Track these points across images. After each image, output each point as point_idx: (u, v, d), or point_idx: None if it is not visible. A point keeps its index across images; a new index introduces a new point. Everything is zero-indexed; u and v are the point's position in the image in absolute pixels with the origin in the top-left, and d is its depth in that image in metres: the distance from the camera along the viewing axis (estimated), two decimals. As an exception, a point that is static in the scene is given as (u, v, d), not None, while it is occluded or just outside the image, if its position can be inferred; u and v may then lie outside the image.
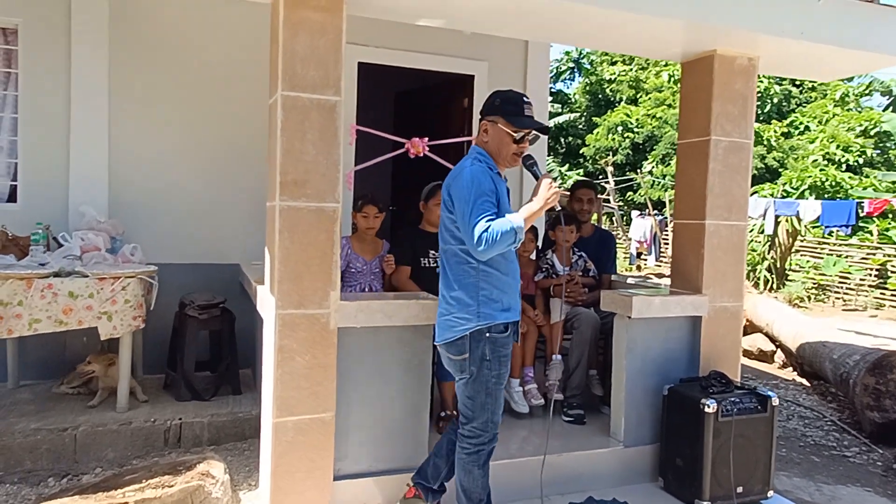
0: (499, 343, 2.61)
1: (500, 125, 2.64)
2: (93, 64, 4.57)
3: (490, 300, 2.59)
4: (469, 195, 2.50)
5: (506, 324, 2.63)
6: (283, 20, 2.73)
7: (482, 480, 2.71)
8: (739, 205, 3.62)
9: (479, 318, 2.58)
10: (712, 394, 3.21)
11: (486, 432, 2.66)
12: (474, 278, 2.60)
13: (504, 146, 2.65)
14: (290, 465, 2.81)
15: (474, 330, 2.58)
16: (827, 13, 3.23)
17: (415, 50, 5.31)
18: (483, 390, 2.62)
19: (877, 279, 12.81)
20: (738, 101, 3.57)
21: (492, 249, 2.45)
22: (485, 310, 2.59)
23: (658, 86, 23.51)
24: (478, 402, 2.64)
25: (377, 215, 3.98)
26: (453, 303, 2.63)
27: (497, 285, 2.61)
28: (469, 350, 2.60)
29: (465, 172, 2.57)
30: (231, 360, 4.32)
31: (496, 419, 2.67)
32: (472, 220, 2.46)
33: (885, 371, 4.84)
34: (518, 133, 2.62)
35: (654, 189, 20.23)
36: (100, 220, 4.34)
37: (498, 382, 2.64)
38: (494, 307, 2.60)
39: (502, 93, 2.73)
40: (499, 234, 2.42)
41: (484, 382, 2.62)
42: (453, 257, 2.65)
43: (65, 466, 3.48)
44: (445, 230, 2.68)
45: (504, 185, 2.69)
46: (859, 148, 18.09)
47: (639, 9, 3.01)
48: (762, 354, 7.14)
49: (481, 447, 2.67)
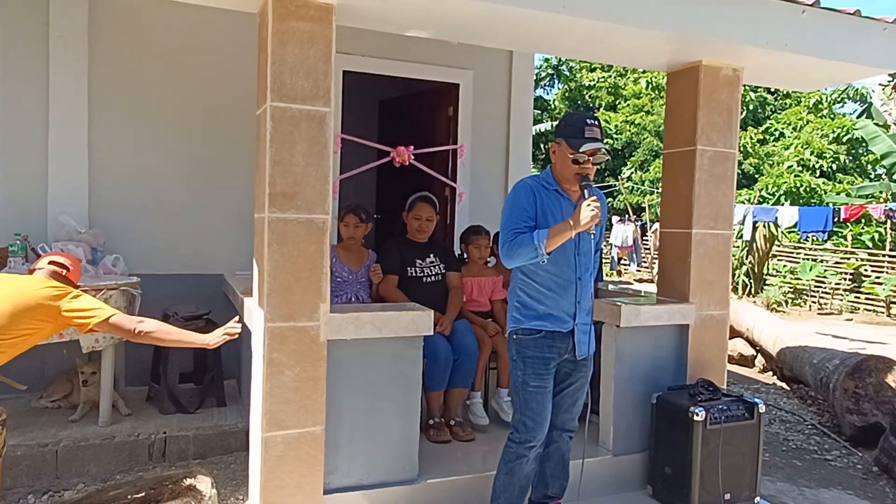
0: (524, 345, 2.74)
1: (563, 147, 2.73)
2: (72, 71, 4.49)
3: (523, 306, 2.77)
4: (506, 209, 2.75)
5: (539, 329, 2.73)
6: (272, 30, 2.70)
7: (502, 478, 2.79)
8: (725, 214, 3.67)
9: (512, 321, 2.81)
10: (700, 402, 3.24)
11: (517, 431, 2.77)
12: (513, 285, 2.83)
13: (566, 167, 2.74)
14: (280, 480, 2.77)
15: (509, 331, 2.82)
16: (810, 25, 3.28)
17: (400, 58, 5.31)
18: (516, 388, 2.79)
19: (851, 283, 13.05)
20: (724, 111, 3.61)
21: (513, 259, 2.66)
22: (515, 314, 2.79)
23: (636, 92, 23.77)
24: (514, 399, 2.82)
25: (358, 224, 3.97)
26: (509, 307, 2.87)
27: (532, 294, 2.75)
28: (509, 346, 2.83)
29: (512, 189, 2.80)
30: (216, 372, 4.26)
31: (528, 423, 2.73)
32: (502, 231, 2.71)
33: (864, 375, 4.92)
34: (574, 155, 2.69)
35: (633, 195, 20.41)
36: (80, 231, 4.26)
37: (525, 384, 2.74)
38: (526, 313, 2.75)
39: (568, 115, 2.83)
40: (518, 247, 2.60)
41: (515, 381, 2.79)
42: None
43: (46, 483, 3.40)
44: None
45: (561, 202, 2.76)
46: (833, 154, 18.46)
47: (625, 20, 3.03)
48: (743, 359, 7.22)
49: (511, 445, 2.78)
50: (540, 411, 2.74)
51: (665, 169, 3.85)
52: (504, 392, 3.91)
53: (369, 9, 2.92)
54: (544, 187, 2.77)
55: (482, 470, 3.18)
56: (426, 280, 3.91)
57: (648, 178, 20.34)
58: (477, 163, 5.67)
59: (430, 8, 2.92)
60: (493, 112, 5.77)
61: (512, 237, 2.63)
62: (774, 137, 21.29)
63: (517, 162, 5.85)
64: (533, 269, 2.73)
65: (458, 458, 3.39)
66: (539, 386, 2.73)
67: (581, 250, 2.76)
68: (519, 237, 2.61)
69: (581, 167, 2.70)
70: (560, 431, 2.91)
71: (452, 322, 3.77)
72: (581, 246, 2.75)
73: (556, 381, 2.83)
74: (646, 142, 21.32)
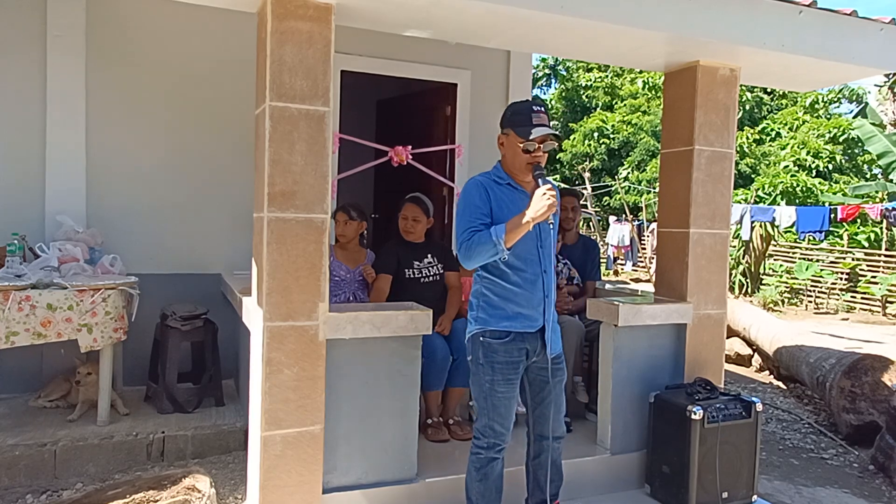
0: (493, 348, 2.63)
1: (511, 137, 2.65)
2: (69, 71, 4.48)
3: (490, 306, 2.67)
4: (458, 210, 2.66)
5: (507, 331, 2.63)
6: (271, 30, 2.71)
7: (476, 485, 2.69)
8: (722, 213, 3.68)
9: (477, 322, 2.70)
10: (698, 400, 3.25)
11: (483, 437, 2.67)
12: (479, 285, 2.72)
13: (517, 157, 2.65)
14: (279, 480, 2.78)
15: (473, 333, 2.70)
16: (807, 25, 3.29)
17: (397, 58, 5.32)
18: (480, 393, 2.68)
19: (847, 283, 13.10)
20: (721, 112, 3.62)
21: (472, 259, 2.55)
22: (482, 315, 2.68)
23: (633, 92, 23.81)
24: (478, 403, 2.71)
25: (347, 222, 4.00)
26: (470, 306, 2.78)
27: (500, 293, 2.65)
28: (471, 351, 2.72)
29: (462, 190, 2.72)
30: (214, 372, 4.26)
31: (496, 428, 2.64)
32: (458, 232, 2.60)
33: (860, 374, 4.94)
34: (524, 143, 2.61)
35: (630, 194, 20.45)
36: (77, 230, 4.25)
37: (492, 389, 2.63)
38: (494, 313, 2.65)
39: (514, 104, 2.74)
40: (476, 245, 2.50)
41: (480, 385, 2.68)
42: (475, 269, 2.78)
43: (44, 482, 3.40)
44: None
45: (515, 195, 2.66)
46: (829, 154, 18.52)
47: (623, 21, 3.04)
48: (739, 358, 7.25)
49: (478, 450, 2.70)
50: (508, 415, 2.67)
51: (662, 169, 3.86)
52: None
53: (368, 9, 2.92)
54: (496, 182, 2.67)
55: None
56: (424, 280, 3.91)
57: (645, 177, 20.38)
58: (475, 162, 5.66)
59: (428, 8, 2.92)
60: (491, 112, 5.75)
61: (468, 237, 2.52)
62: (771, 137, 21.36)
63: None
64: (499, 267, 2.63)
65: (456, 457, 3.40)
66: (508, 391, 2.65)
67: (543, 242, 2.66)
68: (476, 235, 2.51)
69: (532, 156, 2.61)
70: (550, 440, 2.80)
71: (451, 321, 3.78)
72: (542, 238, 2.65)
73: (535, 391, 2.75)
74: (642, 142, 21.36)
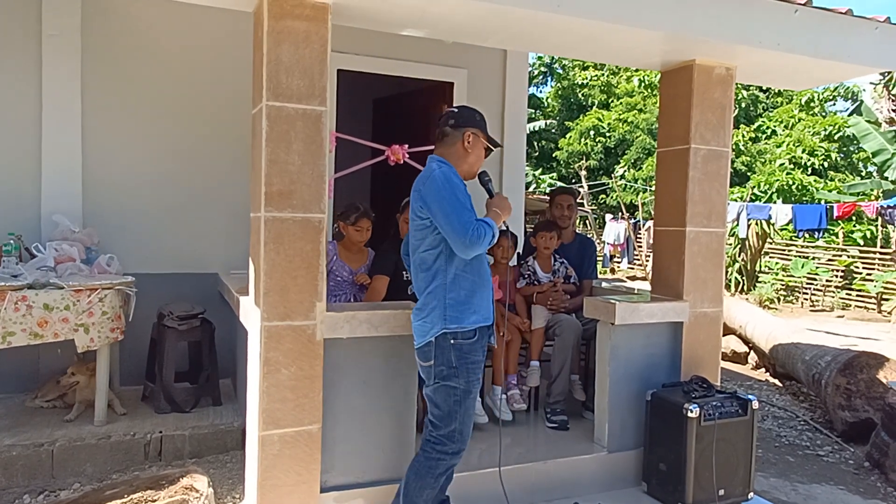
0: (465, 349, 2.57)
1: (481, 139, 2.72)
2: (65, 70, 4.47)
3: (459, 303, 2.57)
4: (449, 195, 2.52)
5: (475, 329, 2.60)
6: (268, 29, 2.70)
7: (431, 493, 2.62)
8: (718, 212, 3.69)
9: (446, 321, 2.56)
10: (694, 398, 3.26)
11: (451, 443, 2.59)
12: (442, 281, 2.59)
13: (479, 159, 2.74)
14: (277, 479, 2.78)
15: (440, 335, 2.56)
16: (803, 24, 3.30)
17: (394, 57, 5.32)
18: (452, 398, 2.57)
19: (843, 280, 13.14)
20: (717, 110, 3.63)
21: (478, 247, 2.49)
22: (451, 313, 2.56)
23: (629, 91, 23.83)
24: (444, 411, 2.59)
25: (369, 229, 4.00)
26: (423, 307, 2.63)
27: (466, 288, 2.59)
28: (434, 356, 2.57)
29: (437, 175, 2.57)
30: (211, 371, 4.26)
31: (465, 431, 2.60)
32: (460, 217, 2.47)
33: (855, 371, 4.96)
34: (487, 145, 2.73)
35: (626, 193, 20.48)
36: (74, 230, 4.24)
37: (466, 391, 2.59)
38: (463, 310, 2.57)
39: (472, 108, 2.82)
40: (484, 233, 2.47)
41: (452, 391, 2.57)
42: (422, 263, 2.64)
43: (41, 483, 3.39)
44: (417, 237, 2.67)
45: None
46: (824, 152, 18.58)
47: (619, 20, 3.04)
48: (736, 356, 7.27)
49: (442, 458, 2.61)
50: (472, 418, 2.67)
51: (659, 167, 3.87)
52: (498, 389, 3.92)
53: (364, 8, 2.92)
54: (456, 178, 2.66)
55: (477, 467, 3.19)
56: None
57: (641, 176, 20.41)
58: (471, 161, 5.67)
59: (424, 7, 2.92)
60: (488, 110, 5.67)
61: (477, 227, 2.47)
62: (766, 135, 21.41)
63: (511, 160, 5.86)
64: (466, 262, 2.59)
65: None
66: (476, 392, 2.63)
67: None
68: (481, 227, 2.48)
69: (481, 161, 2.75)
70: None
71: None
72: None
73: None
74: (639, 140, 21.38)
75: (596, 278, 4.60)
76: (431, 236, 2.59)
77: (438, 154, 2.75)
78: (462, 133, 2.70)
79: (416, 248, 2.67)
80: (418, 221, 2.64)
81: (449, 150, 2.73)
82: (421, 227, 2.62)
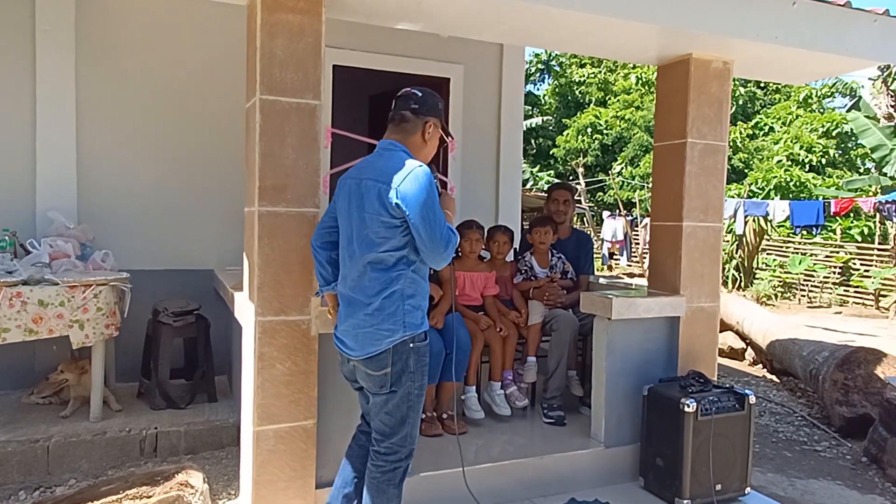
0: (422, 352, 2.45)
1: (440, 128, 2.57)
2: (59, 66, 4.45)
3: (414, 309, 2.42)
4: (433, 202, 2.33)
5: (425, 332, 2.48)
6: (261, 23, 2.69)
7: (396, 501, 2.53)
8: (715, 206, 3.68)
9: (405, 327, 2.37)
10: (691, 393, 3.26)
11: (404, 447, 2.49)
12: (401, 286, 2.38)
13: (433, 151, 2.59)
14: (272, 475, 2.77)
15: (399, 342, 2.38)
16: (800, 17, 3.29)
17: (390, 53, 5.30)
18: (405, 404, 2.44)
19: (840, 277, 13.15)
20: (714, 104, 3.62)
21: (449, 258, 2.39)
22: (410, 319, 2.39)
23: (626, 88, 23.81)
24: (397, 418, 2.45)
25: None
26: (375, 313, 2.37)
27: (420, 292, 2.45)
28: (392, 363, 2.39)
29: (420, 174, 2.33)
30: (206, 368, 4.25)
31: (415, 434, 2.52)
32: (442, 228, 2.33)
33: (852, 367, 4.96)
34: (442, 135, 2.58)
35: (623, 190, 20.47)
36: (69, 226, 4.23)
37: (419, 395, 2.50)
38: (417, 314, 2.43)
39: (433, 94, 2.58)
40: (455, 243, 2.38)
41: (406, 396, 2.44)
42: (379, 264, 2.38)
43: (37, 479, 3.38)
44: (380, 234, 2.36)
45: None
46: (822, 148, 18.57)
47: (616, 13, 3.03)
48: (733, 352, 7.27)
49: (398, 464, 2.49)
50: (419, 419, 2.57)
51: (655, 162, 3.85)
52: (497, 385, 3.91)
53: (359, 1, 2.91)
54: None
55: (474, 463, 3.19)
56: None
57: (639, 173, 20.41)
58: (468, 157, 5.67)
59: (420, 0, 2.91)
60: (484, 106, 5.76)
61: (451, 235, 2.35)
62: (764, 132, 21.40)
63: (508, 156, 5.86)
64: (420, 265, 2.45)
65: (449, 451, 3.39)
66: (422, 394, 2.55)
67: None
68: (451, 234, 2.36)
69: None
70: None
71: (444, 315, 3.77)
72: None
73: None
74: (636, 137, 21.37)
75: (593, 274, 4.59)
76: (399, 237, 2.35)
77: (395, 139, 2.49)
78: (424, 122, 2.50)
79: (373, 246, 2.37)
80: (386, 219, 2.34)
81: (407, 137, 2.49)
82: (389, 225, 2.34)
